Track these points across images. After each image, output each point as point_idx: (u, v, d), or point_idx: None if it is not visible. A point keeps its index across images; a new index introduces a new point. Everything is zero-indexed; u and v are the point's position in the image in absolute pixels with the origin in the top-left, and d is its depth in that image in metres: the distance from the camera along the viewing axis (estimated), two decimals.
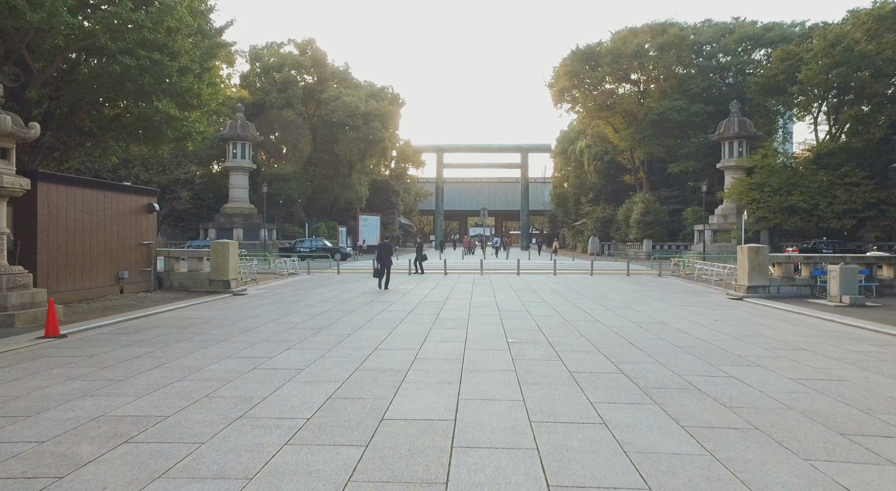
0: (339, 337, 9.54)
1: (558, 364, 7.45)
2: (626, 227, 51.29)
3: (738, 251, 17.29)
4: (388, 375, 6.85)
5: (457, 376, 6.75)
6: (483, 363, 7.48)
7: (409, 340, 9.28)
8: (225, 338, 9.44)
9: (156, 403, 5.65)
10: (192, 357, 7.87)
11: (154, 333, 9.97)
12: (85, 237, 14.38)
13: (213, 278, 17.91)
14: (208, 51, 18.40)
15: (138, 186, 18.00)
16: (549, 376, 6.78)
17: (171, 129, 18.17)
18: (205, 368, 7.22)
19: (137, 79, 15.49)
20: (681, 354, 8.13)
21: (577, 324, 11.04)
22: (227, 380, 6.59)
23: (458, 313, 12.51)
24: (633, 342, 9.10)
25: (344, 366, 7.34)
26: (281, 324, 11.05)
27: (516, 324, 10.98)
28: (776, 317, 12.34)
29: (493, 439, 4.63)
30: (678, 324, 11.16)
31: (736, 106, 43.56)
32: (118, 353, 8.16)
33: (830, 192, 37.30)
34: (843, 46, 35.00)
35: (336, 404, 5.62)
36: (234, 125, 46.07)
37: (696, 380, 6.63)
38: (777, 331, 10.33)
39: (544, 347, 8.60)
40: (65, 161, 18.30)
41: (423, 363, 7.49)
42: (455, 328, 10.44)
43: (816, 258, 16.78)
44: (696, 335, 9.80)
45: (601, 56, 49.11)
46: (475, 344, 8.88)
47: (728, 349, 8.54)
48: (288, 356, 7.96)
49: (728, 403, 5.66)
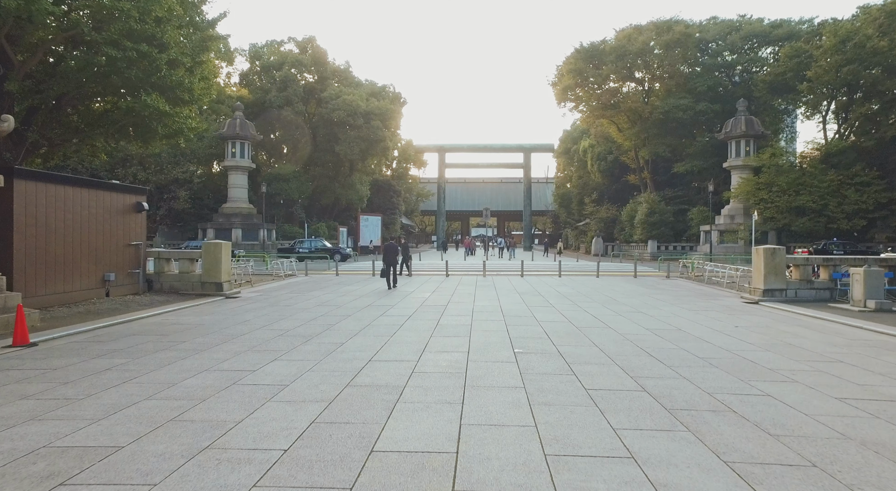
0: (331, 346, 8.80)
1: (572, 379, 6.70)
2: (631, 227, 50.49)
3: (753, 253, 16.52)
4: (382, 392, 6.11)
5: (459, 395, 6.00)
6: (488, 378, 6.74)
7: (407, 349, 8.53)
8: (208, 347, 8.70)
9: (112, 428, 4.91)
10: (168, 370, 7.14)
11: (132, 340, 9.23)
12: (67, 237, 13.66)
13: (204, 280, 17.18)
14: (200, 44, 17.66)
15: (126, 184, 17.26)
16: (562, 395, 6.03)
17: (161, 126, 17.44)
18: (178, 383, 6.49)
19: (124, 71, 14.77)
20: (705, 368, 7.37)
21: (587, 331, 10.29)
22: (200, 398, 5.85)
23: (460, 319, 11.77)
24: (650, 353, 8.34)
25: (333, 381, 6.59)
26: (271, 330, 10.32)
27: (522, 331, 10.23)
28: (799, 323, 11.57)
29: (503, 480, 3.88)
30: (696, 331, 10.40)
31: (743, 104, 42.73)
32: (86, 365, 7.42)
33: (840, 192, 36.48)
34: (854, 43, 34.18)
35: (320, 431, 4.88)
36: (233, 124, 45.35)
37: (728, 399, 5.87)
38: (805, 339, 9.56)
39: (555, 359, 7.85)
40: (51, 158, 17.58)
41: (421, 378, 6.75)
42: (457, 336, 9.69)
43: (836, 260, 16.00)
44: (717, 344, 9.05)
45: (605, 54, 48.31)
46: (479, 355, 8.13)
47: (756, 361, 7.78)
48: (273, 369, 7.22)
49: (773, 430, 4.90)
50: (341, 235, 52.64)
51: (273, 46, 56.15)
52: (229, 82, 59.11)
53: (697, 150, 46.45)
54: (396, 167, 72.03)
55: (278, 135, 54.28)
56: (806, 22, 45.70)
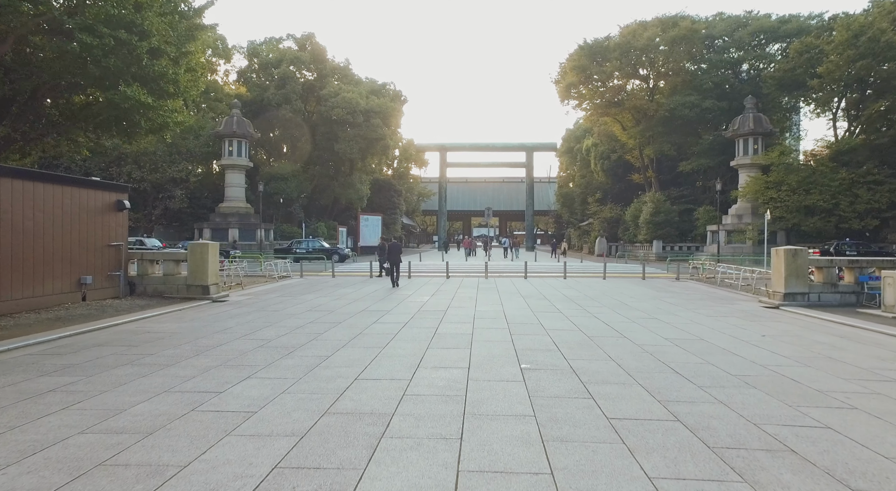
0: (314, 360, 7.82)
1: (589, 404, 5.72)
2: (635, 227, 49.46)
3: (772, 254, 15.52)
4: (366, 423, 5.13)
5: (457, 427, 5.02)
6: (491, 403, 5.76)
7: (400, 365, 7.56)
8: (175, 361, 7.73)
9: (20, 479, 3.93)
10: (120, 392, 6.17)
11: (94, 353, 8.27)
12: (37, 238, 12.69)
13: (190, 283, 16.21)
14: (186, 33, 16.68)
15: (106, 181, 16.29)
16: (580, 426, 5.05)
17: (145, 119, 16.48)
18: (127, 409, 5.52)
19: (101, 60, 13.80)
20: (742, 388, 6.39)
21: (600, 341, 9.31)
22: (145, 431, 4.88)
23: (460, 327, 10.79)
24: (675, 368, 7.35)
25: (310, 407, 5.62)
26: (251, 341, 9.35)
27: (529, 342, 9.25)
28: (831, 331, 10.57)
29: None
30: (720, 341, 9.41)
31: (751, 101, 41.71)
32: (28, 385, 6.46)
33: (852, 191, 35.46)
34: (867, 37, 33.15)
35: (282, 480, 3.90)
36: (230, 122, 44.38)
37: (782, 434, 4.89)
38: (845, 352, 8.56)
39: (567, 377, 6.87)
40: (28, 154, 16.63)
41: (413, 403, 5.77)
42: (456, 348, 8.71)
43: (863, 262, 14.99)
44: (748, 358, 8.05)
45: (610, 50, 47.30)
46: (481, 371, 7.15)
47: (799, 380, 6.79)
48: (242, 390, 6.24)
49: (854, 484, 3.91)
50: (341, 235, 51.68)
51: (272, 43, 55.20)
52: (227, 80, 58.27)
53: (703, 148, 45.43)
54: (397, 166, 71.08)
55: (277, 133, 53.35)
56: (815, 17, 44.66)
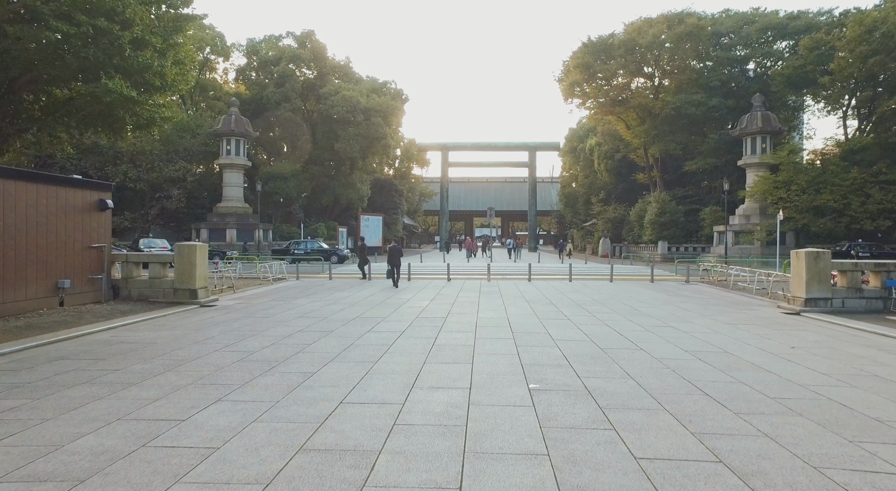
0: (297, 378, 6.97)
1: (611, 437, 4.86)
2: (640, 227, 48.55)
3: (792, 257, 14.65)
4: (346, 464, 4.28)
5: (455, 471, 4.17)
6: (496, 436, 4.90)
7: (392, 384, 6.71)
8: (142, 379, 6.89)
9: None
10: (67, 419, 5.33)
11: (52, 368, 7.43)
12: (8, 240, 11.86)
13: (177, 287, 15.39)
14: (173, 23, 15.88)
15: (87, 179, 15.47)
16: (604, 470, 4.19)
17: (130, 114, 15.68)
18: (66, 445, 4.67)
19: (80, 51, 13.00)
20: (787, 416, 5.52)
21: (615, 354, 8.44)
22: (76, 478, 4.03)
23: (460, 337, 9.93)
24: (703, 389, 6.49)
25: (283, 441, 4.77)
26: (231, 353, 8.51)
27: (537, 355, 8.39)
28: (867, 343, 9.69)
29: None
30: (746, 354, 8.54)
31: (759, 99, 40.76)
32: None
33: (863, 191, 34.55)
34: (881, 32, 32.23)
35: None
36: (228, 120, 43.56)
37: (854, 484, 4.02)
38: (891, 368, 7.69)
39: (583, 401, 6.01)
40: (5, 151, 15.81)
41: (405, 436, 4.91)
42: (456, 362, 7.85)
43: (890, 265, 14.11)
44: (783, 376, 7.19)
45: (614, 48, 46.40)
46: (483, 393, 6.30)
47: (849, 405, 5.92)
48: (208, 418, 5.40)
49: None
50: (341, 236, 50.88)
51: (271, 41, 54.38)
52: (226, 78, 57.54)
53: (710, 147, 44.51)
54: (398, 166, 70.33)
55: (276, 132, 52.56)
56: (825, 13, 43.73)
